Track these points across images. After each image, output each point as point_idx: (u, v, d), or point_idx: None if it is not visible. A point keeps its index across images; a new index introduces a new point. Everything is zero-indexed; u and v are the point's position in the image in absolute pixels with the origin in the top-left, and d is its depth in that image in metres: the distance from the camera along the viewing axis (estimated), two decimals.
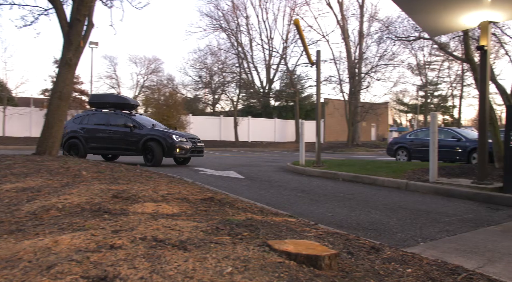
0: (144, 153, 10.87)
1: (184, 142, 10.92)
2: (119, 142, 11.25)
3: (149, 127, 11.16)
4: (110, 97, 12.73)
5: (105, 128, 11.50)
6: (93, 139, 11.50)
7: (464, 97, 38.01)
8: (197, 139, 11.70)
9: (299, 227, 3.11)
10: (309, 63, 9.78)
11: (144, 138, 10.83)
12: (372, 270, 2.21)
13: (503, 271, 2.94)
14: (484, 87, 7.03)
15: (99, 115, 11.90)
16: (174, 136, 10.78)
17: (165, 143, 10.60)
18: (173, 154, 10.75)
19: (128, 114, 11.80)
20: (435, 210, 5.39)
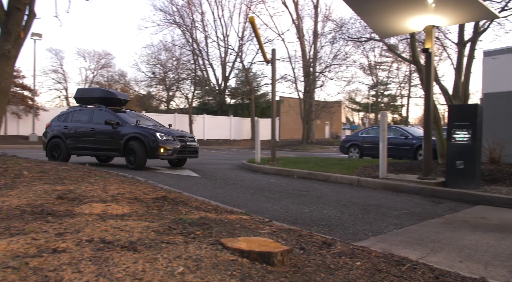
0: (126, 154, 9.57)
1: (170, 141, 9.49)
2: (101, 141, 10.00)
3: (132, 124, 9.83)
4: (95, 92, 11.44)
5: (87, 126, 10.25)
6: (76, 139, 10.32)
7: (412, 96, 40.07)
8: (188, 137, 10.25)
9: (253, 225, 3.11)
10: (265, 61, 9.84)
11: (125, 137, 9.56)
12: (323, 264, 2.25)
13: (444, 260, 3.12)
14: (429, 87, 7.42)
15: (82, 112, 10.66)
16: (157, 134, 9.39)
17: (147, 142, 9.26)
18: (157, 155, 9.30)
19: (114, 110, 10.42)
20: (385, 205, 5.62)
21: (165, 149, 9.30)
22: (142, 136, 9.36)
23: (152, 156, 9.31)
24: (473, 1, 6.57)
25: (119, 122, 9.84)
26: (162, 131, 9.64)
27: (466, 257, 3.22)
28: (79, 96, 11.27)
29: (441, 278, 2.18)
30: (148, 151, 9.24)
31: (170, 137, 9.55)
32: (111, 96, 10.98)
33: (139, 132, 9.46)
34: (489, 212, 5.33)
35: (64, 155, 10.24)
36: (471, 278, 2.29)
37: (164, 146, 9.28)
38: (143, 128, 9.64)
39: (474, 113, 6.73)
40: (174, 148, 9.47)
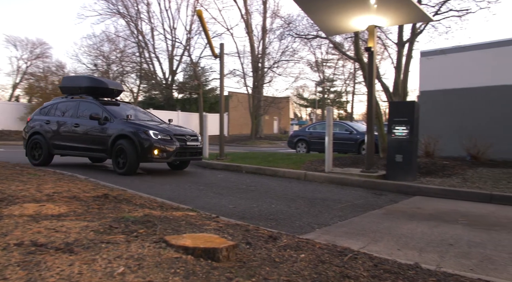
0: (115, 155, 7.87)
1: (167, 141, 7.79)
2: (86, 139, 8.41)
3: (122, 120, 8.14)
4: (82, 80, 9.64)
5: (71, 121, 8.68)
6: (58, 136, 8.76)
7: (356, 93, 41.76)
8: (190, 135, 8.42)
9: (199, 221, 3.07)
10: (213, 55, 9.74)
11: (113, 135, 7.92)
12: (268, 258, 2.26)
13: (383, 248, 3.27)
14: (371, 85, 7.74)
15: (67, 104, 9.07)
16: (150, 131, 7.70)
17: (138, 141, 7.59)
18: (150, 158, 7.64)
19: (102, 102, 8.83)
20: (330, 198, 5.80)
21: (160, 150, 7.65)
22: (132, 134, 7.72)
23: (144, 158, 7.66)
24: (411, 4, 6.94)
25: (107, 117, 8.18)
26: (157, 128, 7.99)
27: (403, 245, 3.40)
28: (64, 85, 9.72)
29: (380, 265, 2.28)
30: (139, 153, 7.57)
31: (166, 135, 7.87)
32: (100, 86, 9.30)
33: (128, 129, 7.82)
34: (424, 202, 5.68)
35: (45, 155, 8.77)
36: (407, 264, 2.41)
37: (159, 147, 7.65)
38: (133, 124, 7.98)
39: (411, 110, 7.13)
40: (171, 149, 7.80)
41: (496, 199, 5.68)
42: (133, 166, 7.64)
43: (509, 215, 4.80)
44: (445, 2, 10.15)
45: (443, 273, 2.30)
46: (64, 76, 10.64)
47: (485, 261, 3.01)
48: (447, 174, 7.34)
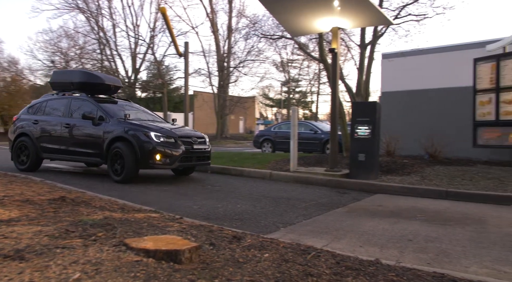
0: (111, 160, 6.90)
1: (170, 144, 6.79)
2: (78, 142, 7.44)
3: (119, 119, 7.17)
4: (75, 75, 8.66)
5: (62, 121, 7.70)
6: (47, 138, 7.79)
7: (321, 93, 42.52)
8: (196, 137, 7.43)
9: (162, 223, 3.00)
10: (177, 54, 9.59)
11: (109, 137, 6.97)
12: (232, 258, 2.24)
13: (346, 245, 3.33)
14: (335, 85, 7.89)
15: (57, 101, 8.12)
16: (152, 133, 6.73)
17: (137, 145, 6.65)
18: (151, 164, 6.68)
19: (97, 99, 7.86)
20: (295, 197, 5.85)
21: (163, 154, 6.68)
22: (130, 136, 6.77)
23: (144, 164, 6.72)
24: (372, 8, 7.14)
25: (102, 116, 7.23)
26: (159, 129, 6.98)
27: (365, 242, 3.48)
28: (55, 80, 8.73)
29: (342, 263, 2.32)
30: (138, 158, 6.63)
31: (170, 137, 6.87)
32: (95, 81, 8.31)
33: (126, 131, 6.86)
34: (385, 199, 5.85)
35: (33, 160, 7.80)
36: (368, 261, 2.47)
37: (162, 151, 6.67)
38: (132, 124, 6.99)
39: (373, 110, 7.32)
40: (176, 153, 6.82)
41: (451, 196, 5.94)
42: (131, 173, 6.68)
43: (462, 211, 5.04)
44: (404, 6, 10.53)
45: (402, 268, 2.37)
46: (54, 71, 9.68)
47: (440, 254, 3.13)
48: (406, 172, 7.60)
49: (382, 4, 10.39)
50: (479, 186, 6.26)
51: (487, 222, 4.39)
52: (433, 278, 2.20)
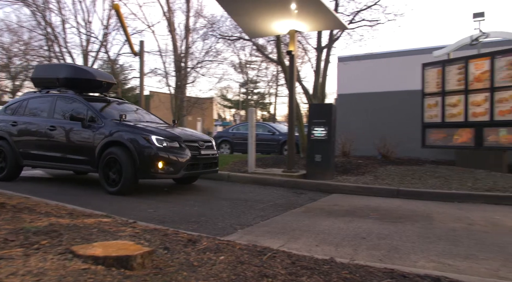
0: (103, 168, 5.95)
1: (175, 150, 5.94)
2: (65, 147, 6.45)
3: (114, 121, 6.23)
4: (61, 69, 7.49)
5: (46, 123, 6.72)
6: (28, 142, 6.85)
7: (279, 95, 43.01)
8: (203, 141, 6.59)
9: (114, 227, 2.88)
10: (132, 53, 9.31)
11: (102, 141, 6.02)
12: (186, 262, 2.19)
13: (303, 245, 3.37)
14: (292, 87, 8.00)
15: (40, 100, 7.15)
16: (153, 137, 5.84)
17: (136, 150, 5.74)
18: (153, 173, 5.78)
19: (87, 98, 6.89)
20: (253, 198, 5.85)
21: (166, 162, 5.78)
22: (127, 140, 5.83)
23: (144, 173, 5.80)
24: (328, 12, 7.32)
25: (93, 117, 6.32)
26: (161, 132, 6.07)
27: (321, 241, 3.54)
28: (37, 76, 7.67)
29: (297, 262, 2.33)
30: (138, 166, 5.71)
31: (174, 142, 5.99)
32: (85, 77, 7.25)
33: (122, 134, 5.94)
34: (341, 199, 6.00)
35: (11, 168, 6.89)
36: (323, 259, 2.50)
37: (165, 158, 5.78)
38: (129, 127, 6.09)
39: (329, 112, 7.49)
40: (181, 160, 5.92)
41: (402, 194, 6.20)
42: (129, 184, 5.77)
43: (412, 208, 5.27)
44: (358, 12, 10.89)
45: (355, 265, 2.42)
46: (37, 65, 8.51)
47: (392, 251, 3.24)
48: (361, 172, 7.85)
49: (337, 9, 10.68)
50: (427, 184, 6.58)
51: (433, 219, 4.61)
52: (384, 274, 2.27)
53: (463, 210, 5.17)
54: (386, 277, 2.22)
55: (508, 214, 4.93)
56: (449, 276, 2.34)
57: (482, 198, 5.81)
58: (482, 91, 8.15)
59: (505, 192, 5.93)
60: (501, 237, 3.77)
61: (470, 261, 3.01)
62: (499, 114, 7.82)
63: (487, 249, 3.35)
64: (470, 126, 8.33)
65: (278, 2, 7.03)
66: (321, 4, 6.97)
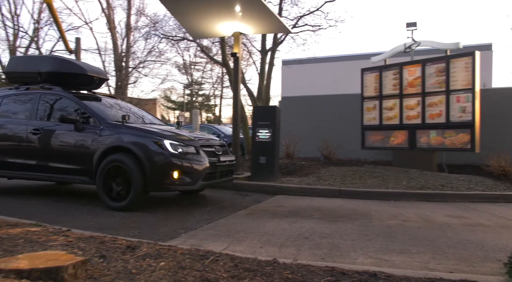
0: (103, 179, 5.00)
1: (191, 157, 5.06)
2: (52, 154, 5.44)
3: (115, 123, 5.29)
4: (44, 62, 6.33)
5: (27, 125, 5.69)
6: (4, 148, 5.79)
7: (224, 97, 42.97)
8: (219, 146, 5.71)
9: (44, 237, 2.67)
10: (67, 50, 8.81)
11: (102, 147, 5.07)
12: (124, 270, 2.08)
13: (247, 247, 3.35)
14: (237, 89, 8.01)
15: (19, 98, 6.09)
16: (166, 141, 4.94)
17: (145, 158, 4.84)
18: (167, 184, 4.92)
19: (78, 95, 5.87)
20: (197, 201, 5.75)
21: (182, 171, 4.91)
22: (135, 145, 4.92)
23: (156, 184, 4.91)
24: (272, 16, 7.42)
25: (89, 118, 5.37)
26: (175, 136, 5.18)
27: (265, 242, 3.54)
28: (12, 69, 6.47)
29: (240, 265, 2.31)
30: (148, 176, 4.81)
31: (190, 147, 5.11)
32: (74, 71, 6.17)
33: (128, 138, 5.01)
34: (285, 200, 6.08)
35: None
36: (266, 261, 2.50)
37: (180, 166, 4.90)
38: (136, 130, 5.18)
39: (273, 114, 7.59)
40: (199, 168, 5.05)
41: (343, 194, 6.43)
42: (139, 198, 4.89)
43: (353, 207, 5.47)
44: (301, 17, 11.20)
45: (297, 265, 2.45)
46: (12, 57, 6.94)
47: (333, 249, 3.33)
48: (304, 173, 8.03)
49: (281, 13, 10.90)
50: (366, 184, 6.89)
51: (372, 217, 4.83)
52: (325, 272, 2.32)
53: (399, 208, 5.47)
54: (326, 275, 2.26)
55: (438, 210, 5.29)
56: (385, 271, 2.44)
57: (415, 196, 6.20)
58: (414, 96, 8.71)
59: (435, 190, 6.37)
60: (432, 232, 4.03)
61: (404, 255, 3.18)
62: (430, 117, 8.40)
63: (419, 244, 3.56)
64: (405, 129, 8.86)
65: (223, 4, 7.02)
66: (265, 7, 7.06)
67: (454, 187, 6.49)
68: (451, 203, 5.92)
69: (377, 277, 2.28)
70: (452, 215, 4.95)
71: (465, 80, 7.83)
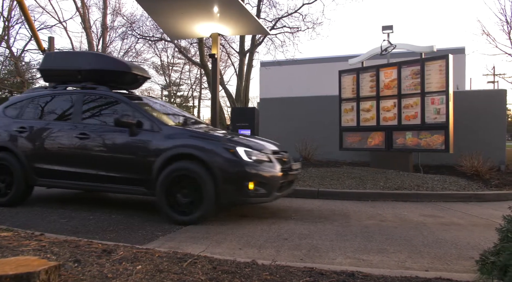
0: (165, 190, 4.45)
1: (266, 165, 4.56)
2: (103, 162, 4.86)
3: (176, 128, 4.88)
4: (84, 59, 5.74)
5: (72, 129, 5.07)
6: (45, 154, 5.17)
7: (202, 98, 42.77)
8: (283, 152, 5.13)
9: (14, 242, 2.58)
10: (40, 50, 8.56)
11: (166, 154, 4.51)
12: (100, 275, 2.03)
13: (226, 249, 3.33)
14: (215, 90, 7.96)
15: (59, 99, 5.49)
16: (240, 149, 4.47)
17: (217, 167, 4.35)
18: (243, 195, 4.42)
19: (125, 95, 5.33)
20: None
21: (258, 182, 4.44)
22: (205, 153, 4.42)
23: (231, 196, 4.43)
24: (250, 17, 7.42)
25: (142, 122, 4.78)
26: (248, 142, 4.73)
27: (244, 244, 3.53)
28: (49, 67, 5.78)
29: (218, 267, 2.29)
30: (220, 187, 4.32)
31: (263, 154, 4.63)
32: (118, 69, 5.66)
33: (197, 145, 4.50)
34: None
35: (18, 188, 5.18)
36: (244, 262, 2.49)
37: (256, 176, 4.42)
38: (203, 135, 4.73)
39: (252, 115, 7.61)
40: (274, 178, 4.58)
41: (322, 195, 6.49)
42: (211, 211, 4.43)
43: (331, 208, 5.53)
44: (279, 19, 11.26)
45: (276, 266, 2.45)
46: (47, 53, 6.49)
47: (312, 250, 3.35)
48: None
49: (259, 15, 10.94)
50: (344, 185, 6.97)
51: (350, 217, 4.88)
52: (303, 273, 2.33)
53: (376, 208, 5.56)
54: (305, 276, 2.27)
55: (414, 210, 5.41)
56: (363, 270, 2.47)
57: (392, 196, 6.31)
58: (391, 98, 8.88)
59: (411, 190, 6.50)
60: (408, 231, 4.11)
61: (382, 255, 3.23)
62: (406, 119, 8.59)
63: (396, 243, 3.62)
64: (382, 130, 9.02)
65: (201, 4, 6.96)
66: (243, 8, 7.06)
67: (429, 187, 6.65)
68: (427, 202, 6.06)
69: (355, 277, 2.30)
70: (428, 215, 5.07)
71: (439, 82, 8.03)
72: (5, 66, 27.66)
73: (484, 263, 2.06)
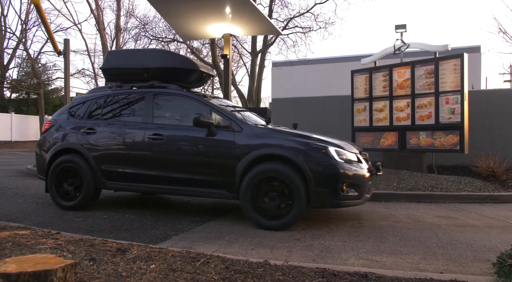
0: (251, 194, 4.24)
1: (355, 166, 4.34)
2: (180, 164, 4.66)
3: (258, 127, 4.63)
4: (151, 57, 5.54)
5: (144, 129, 4.88)
6: (117, 157, 4.99)
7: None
8: (363, 152, 5.03)
9: (32, 240, 2.63)
10: (56, 52, 8.70)
11: (250, 155, 4.30)
12: (114, 273, 2.06)
13: (238, 249, 3.34)
14: (227, 91, 8.00)
15: (128, 99, 5.27)
16: (331, 148, 4.25)
17: (309, 168, 4.12)
18: (336, 199, 4.16)
19: (197, 95, 4.99)
20: (188, 203, 5.72)
21: (351, 183, 4.23)
22: (295, 153, 4.19)
23: (324, 199, 4.15)
24: (262, 17, 7.44)
25: (219, 122, 4.64)
26: (336, 142, 4.45)
27: (257, 244, 3.54)
28: (113, 65, 5.56)
29: (231, 267, 2.30)
30: (311, 190, 4.10)
31: (352, 154, 4.44)
32: (187, 67, 5.45)
33: (284, 145, 4.28)
34: None
35: (88, 191, 5.01)
36: (257, 263, 2.50)
37: (349, 177, 4.20)
38: (290, 135, 4.45)
39: (264, 115, 7.57)
40: (364, 179, 4.38)
41: None
42: (301, 215, 4.17)
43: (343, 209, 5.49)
44: (291, 19, 11.24)
45: (288, 267, 2.45)
46: (110, 51, 6.23)
47: (324, 250, 3.34)
48: None
49: (271, 15, 10.94)
50: None
51: (362, 217, 4.85)
52: (316, 273, 2.32)
53: (389, 209, 5.51)
54: (318, 276, 2.27)
55: (428, 211, 5.34)
56: (376, 272, 2.46)
57: (406, 197, 6.24)
58: (404, 97, 8.78)
59: (425, 191, 6.42)
60: (422, 232, 4.06)
61: (395, 256, 3.20)
62: (419, 119, 8.48)
63: (410, 244, 3.58)
64: (395, 130, 8.93)
65: (213, 5, 7.00)
66: (255, 9, 7.07)
67: (443, 188, 6.56)
68: (441, 203, 5.98)
69: (368, 278, 2.29)
70: (442, 216, 5.00)
71: (454, 82, 7.92)
72: (22, 68, 28.21)
73: (502, 266, 2.03)
